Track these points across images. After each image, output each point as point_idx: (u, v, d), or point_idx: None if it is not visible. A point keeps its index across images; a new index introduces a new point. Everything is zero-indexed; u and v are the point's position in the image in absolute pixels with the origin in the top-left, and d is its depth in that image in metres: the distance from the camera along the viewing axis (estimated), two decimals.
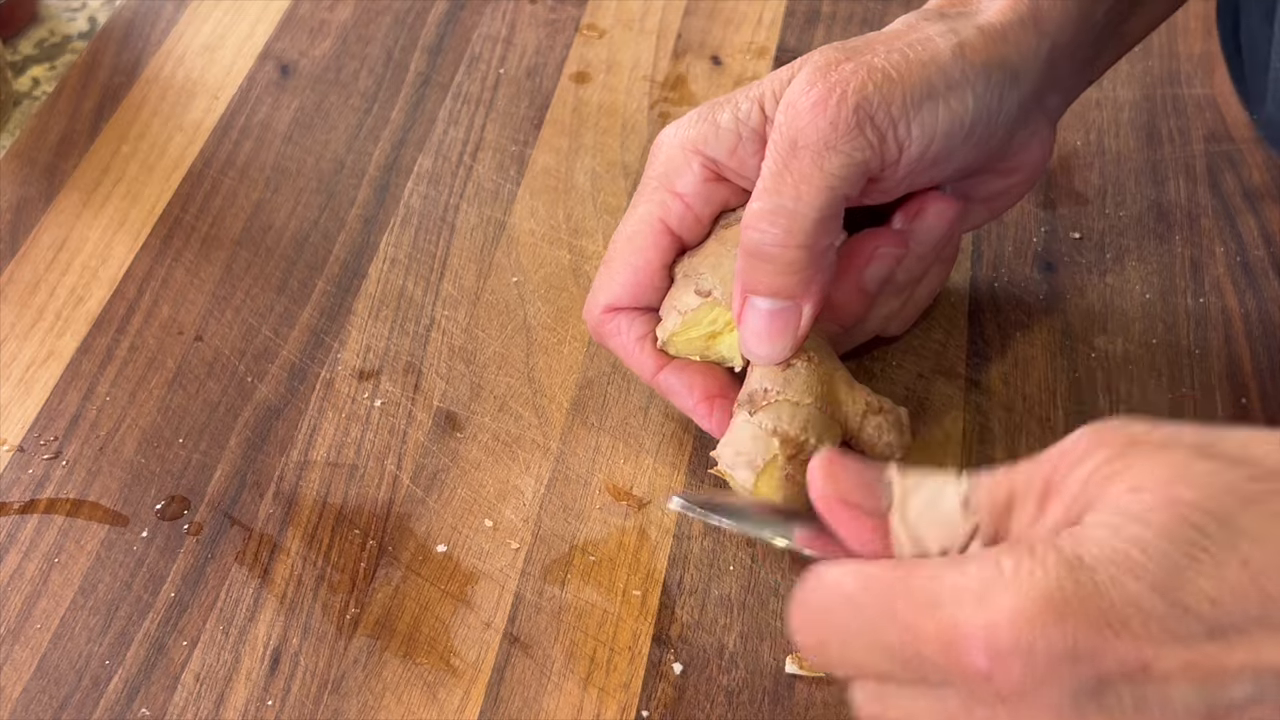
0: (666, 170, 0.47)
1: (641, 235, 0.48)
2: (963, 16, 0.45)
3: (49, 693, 0.44)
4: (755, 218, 0.43)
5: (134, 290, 0.56)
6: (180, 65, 0.66)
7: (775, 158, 0.43)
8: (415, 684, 0.44)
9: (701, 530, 0.47)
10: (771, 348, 0.45)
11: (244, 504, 0.49)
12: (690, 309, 0.46)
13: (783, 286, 0.44)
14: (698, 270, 0.47)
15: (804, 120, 0.43)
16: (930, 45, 0.44)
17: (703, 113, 0.47)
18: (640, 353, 0.48)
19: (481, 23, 0.68)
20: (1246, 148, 0.60)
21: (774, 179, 0.43)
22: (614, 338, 0.49)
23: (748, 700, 0.43)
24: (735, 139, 0.46)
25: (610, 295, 0.48)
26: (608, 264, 0.48)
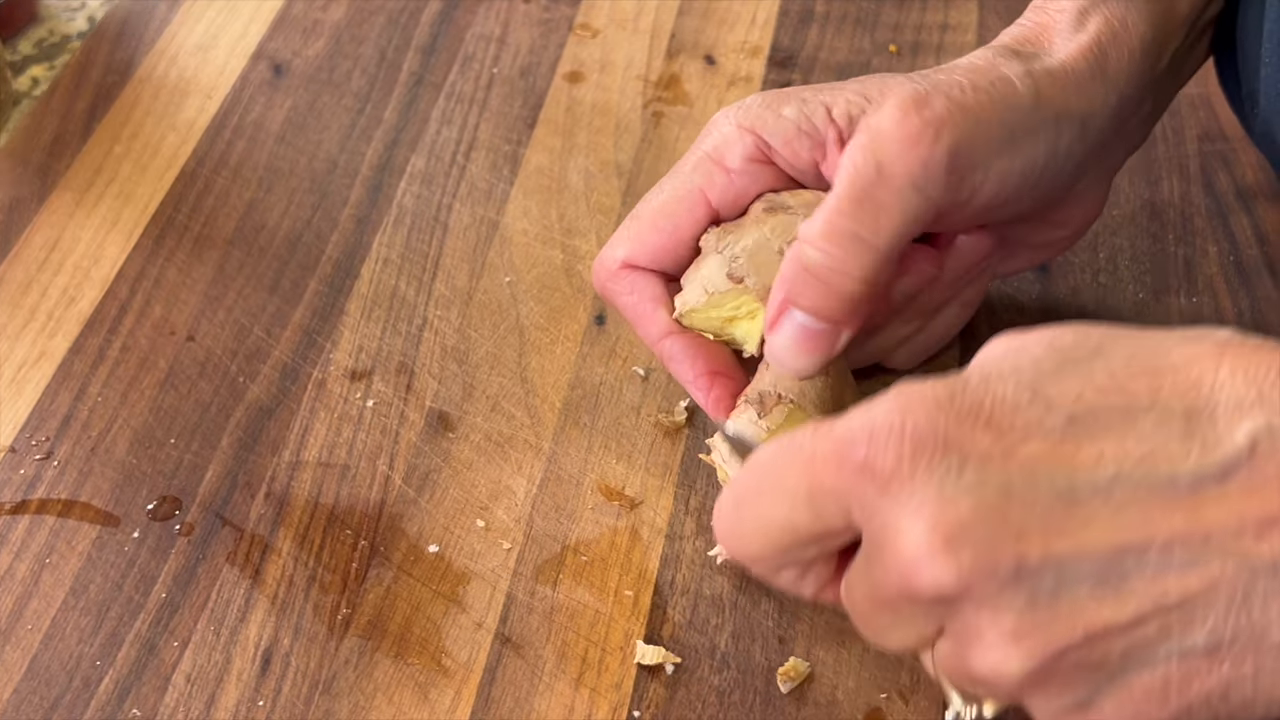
0: (718, 145, 0.46)
1: (680, 201, 0.46)
2: (1036, 58, 0.45)
3: (40, 694, 0.44)
4: (822, 238, 0.42)
5: (126, 290, 0.56)
6: (173, 65, 0.66)
7: (855, 183, 0.42)
8: (407, 684, 0.44)
9: (694, 530, 0.47)
10: (801, 362, 0.44)
11: (235, 504, 0.48)
12: (719, 290, 0.45)
13: (830, 310, 0.43)
14: (733, 252, 0.45)
15: (894, 153, 0.42)
16: (1010, 89, 0.43)
17: (765, 99, 0.46)
18: (649, 315, 0.47)
19: (475, 22, 0.68)
20: (1240, 147, 0.60)
21: (851, 204, 0.42)
22: (624, 295, 0.47)
23: (739, 701, 0.43)
24: (795, 130, 0.45)
25: (631, 252, 0.47)
26: (635, 220, 0.47)
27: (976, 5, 0.68)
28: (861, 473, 0.33)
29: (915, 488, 0.32)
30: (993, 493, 0.31)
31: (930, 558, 0.31)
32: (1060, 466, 0.32)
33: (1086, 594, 0.31)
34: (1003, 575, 0.31)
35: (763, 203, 0.46)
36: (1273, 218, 0.57)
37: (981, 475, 0.32)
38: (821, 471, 0.33)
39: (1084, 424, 0.32)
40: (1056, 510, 0.31)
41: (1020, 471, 0.32)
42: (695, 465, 0.49)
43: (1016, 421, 0.32)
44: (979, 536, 0.31)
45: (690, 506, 0.48)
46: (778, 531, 0.35)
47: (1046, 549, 0.31)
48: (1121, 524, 0.31)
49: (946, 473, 0.32)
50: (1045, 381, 0.33)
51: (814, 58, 0.65)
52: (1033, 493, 0.31)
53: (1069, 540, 0.31)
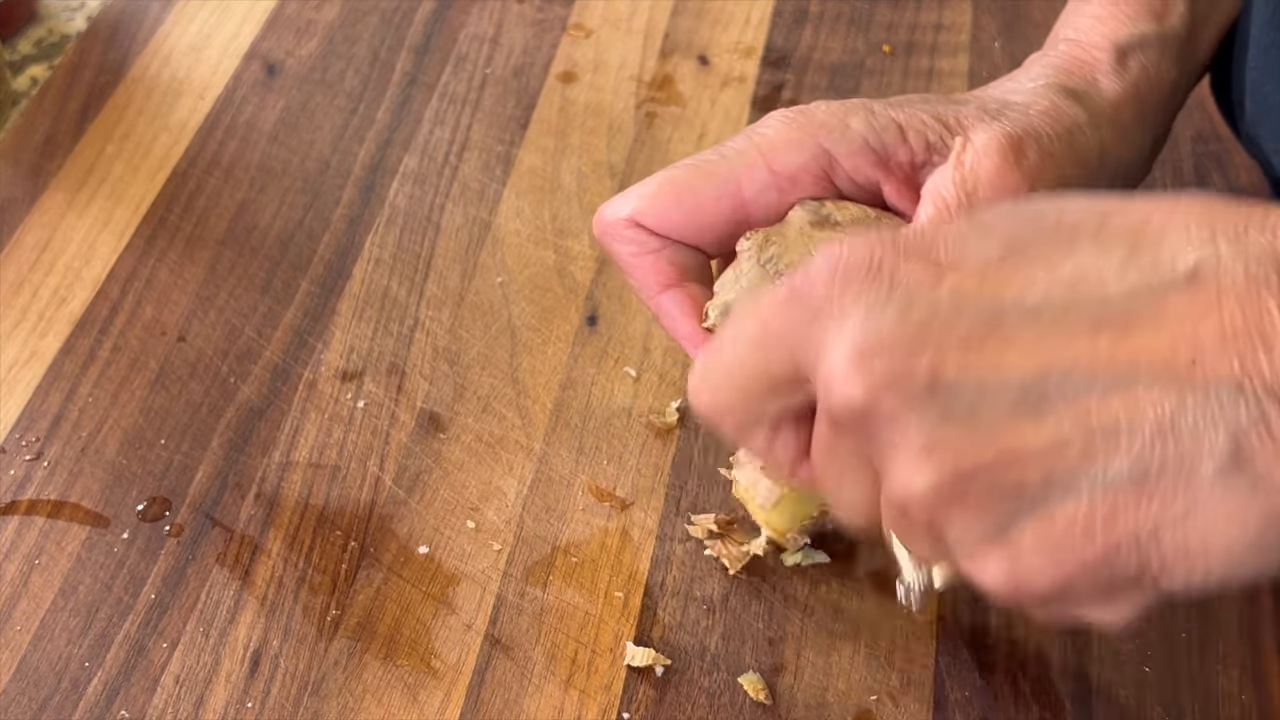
0: (773, 142, 0.44)
1: (711, 184, 0.45)
2: (1088, 99, 0.45)
3: (28, 694, 0.44)
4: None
5: (117, 291, 0.56)
6: (166, 65, 0.66)
7: (946, 221, 0.42)
8: (396, 686, 0.44)
9: (684, 532, 0.47)
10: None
11: (225, 505, 0.48)
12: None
13: None
14: (778, 268, 0.44)
15: (991, 199, 0.42)
16: (1083, 141, 0.44)
17: (829, 107, 0.45)
18: (648, 267, 0.46)
19: (468, 22, 0.68)
20: (1234, 148, 0.60)
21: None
22: (626, 245, 0.46)
23: (729, 702, 0.43)
24: (861, 144, 0.44)
25: (641, 214, 0.45)
26: (659, 185, 0.45)
27: (970, 5, 0.68)
28: (797, 305, 0.33)
29: (842, 310, 0.32)
30: (917, 313, 0.31)
31: (843, 372, 0.31)
32: (990, 291, 0.31)
33: (1004, 413, 0.30)
34: (915, 387, 0.30)
35: (806, 212, 0.44)
36: None
37: (908, 298, 0.31)
38: (768, 312, 0.34)
39: (1022, 251, 0.31)
40: (979, 330, 0.30)
41: (949, 295, 0.31)
42: (686, 466, 0.49)
43: (954, 252, 0.32)
44: (894, 351, 0.31)
45: (681, 508, 0.48)
46: (735, 378, 0.35)
47: (964, 365, 0.30)
48: (1046, 345, 0.30)
49: (874, 298, 0.31)
50: (992, 219, 0.33)
51: (808, 58, 0.65)
52: (957, 314, 0.31)
53: (989, 358, 0.30)
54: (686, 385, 0.38)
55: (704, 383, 0.36)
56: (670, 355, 0.53)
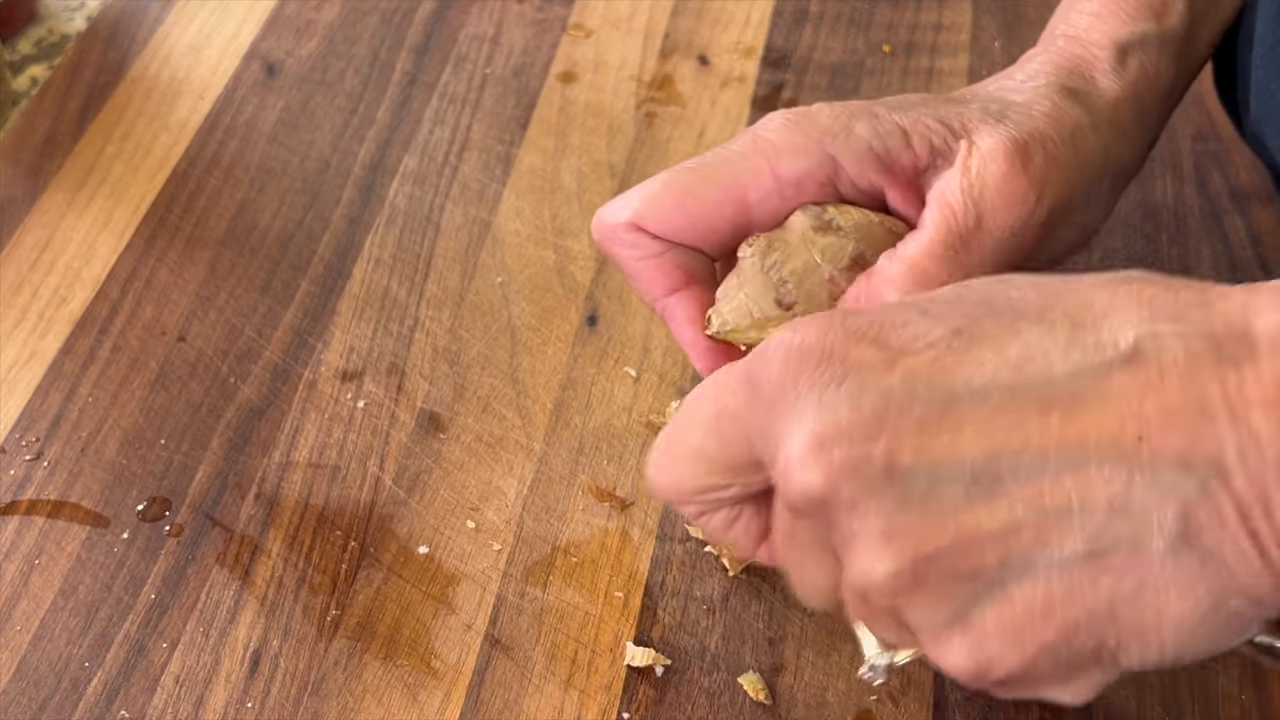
0: (776, 146, 0.44)
1: (715, 190, 0.44)
2: (1089, 99, 0.45)
3: (28, 694, 0.44)
4: (911, 282, 0.42)
5: (117, 291, 0.56)
6: (166, 65, 0.66)
7: (952, 230, 0.42)
8: (396, 686, 0.44)
9: (684, 533, 0.47)
10: None
11: (225, 505, 0.48)
12: (766, 315, 0.43)
13: None
14: (781, 274, 0.43)
15: (997, 206, 0.42)
16: (1087, 145, 0.44)
17: (833, 111, 0.44)
18: (650, 272, 0.45)
19: (468, 22, 0.68)
20: (1234, 147, 0.60)
21: (945, 249, 0.42)
22: (627, 249, 0.45)
23: (729, 702, 0.43)
24: (865, 150, 0.44)
25: (643, 218, 0.44)
26: (661, 187, 0.44)
27: (970, 5, 0.68)
28: (753, 391, 0.33)
29: (797, 398, 0.32)
30: (870, 399, 0.31)
31: (801, 461, 0.31)
32: (940, 374, 0.31)
33: (959, 496, 0.31)
34: (872, 474, 0.31)
35: (808, 217, 0.44)
36: (1266, 218, 0.57)
37: (861, 384, 0.32)
38: (723, 395, 0.34)
39: (968, 334, 0.32)
40: (932, 414, 0.31)
41: (901, 380, 0.31)
42: None
43: (903, 335, 0.32)
44: (851, 438, 0.31)
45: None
46: (692, 461, 0.35)
47: (919, 450, 0.31)
48: (997, 427, 0.30)
49: (828, 384, 0.32)
50: (938, 302, 0.33)
51: (808, 58, 0.65)
52: (910, 399, 0.31)
53: (942, 442, 0.31)
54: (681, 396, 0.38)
55: (662, 466, 0.37)
56: (670, 355, 0.53)
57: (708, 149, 0.60)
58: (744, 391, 0.34)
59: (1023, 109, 0.44)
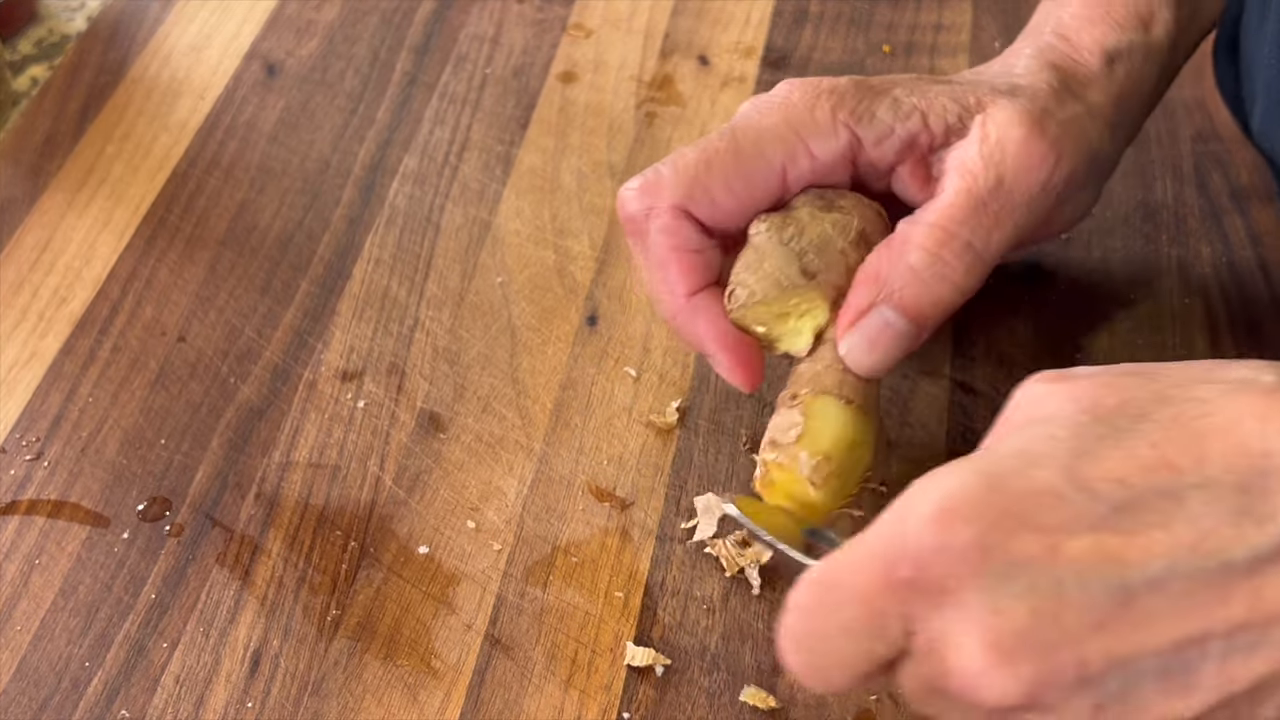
0: (806, 126, 0.44)
1: (760, 170, 0.43)
2: (1083, 96, 0.46)
3: (28, 694, 0.44)
4: (935, 242, 0.42)
5: (117, 291, 0.56)
6: (166, 65, 0.66)
7: (974, 192, 0.42)
8: (396, 686, 0.44)
9: (684, 533, 0.47)
10: (875, 359, 0.43)
11: (225, 505, 0.48)
12: (794, 285, 0.43)
13: (923, 312, 0.42)
14: (801, 245, 0.43)
15: (1017, 169, 0.42)
16: (1085, 130, 0.45)
17: (856, 91, 0.44)
18: (687, 265, 0.44)
19: (469, 22, 0.68)
20: (1234, 148, 0.60)
21: (968, 212, 0.42)
22: (657, 236, 0.44)
23: (729, 702, 0.43)
24: (887, 133, 0.44)
25: (690, 201, 0.43)
26: (702, 168, 0.44)
27: (970, 5, 0.68)
28: (911, 590, 0.32)
29: (965, 601, 0.31)
30: (1044, 598, 0.30)
31: (990, 673, 0.31)
32: (1110, 563, 0.30)
33: (1153, 691, 0.30)
34: (1066, 684, 0.30)
35: (813, 197, 0.45)
36: (1266, 219, 0.57)
37: (1030, 580, 0.30)
38: (875, 597, 0.32)
39: (1130, 512, 0.30)
40: (1112, 610, 0.30)
41: (1070, 571, 0.30)
42: (686, 466, 0.49)
43: (1061, 516, 0.31)
44: (1036, 646, 0.30)
45: (681, 508, 0.48)
46: (858, 664, 0.34)
47: (1107, 652, 0.30)
48: (1181, 617, 0.30)
49: (995, 582, 0.30)
50: (1085, 464, 0.31)
51: (808, 58, 0.65)
52: (1085, 594, 0.30)
53: (1129, 640, 0.30)
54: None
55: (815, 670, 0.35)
56: (670, 355, 0.53)
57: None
58: (897, 590, 0.32)
59: (1030, 89, 0.45)
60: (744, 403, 0.51)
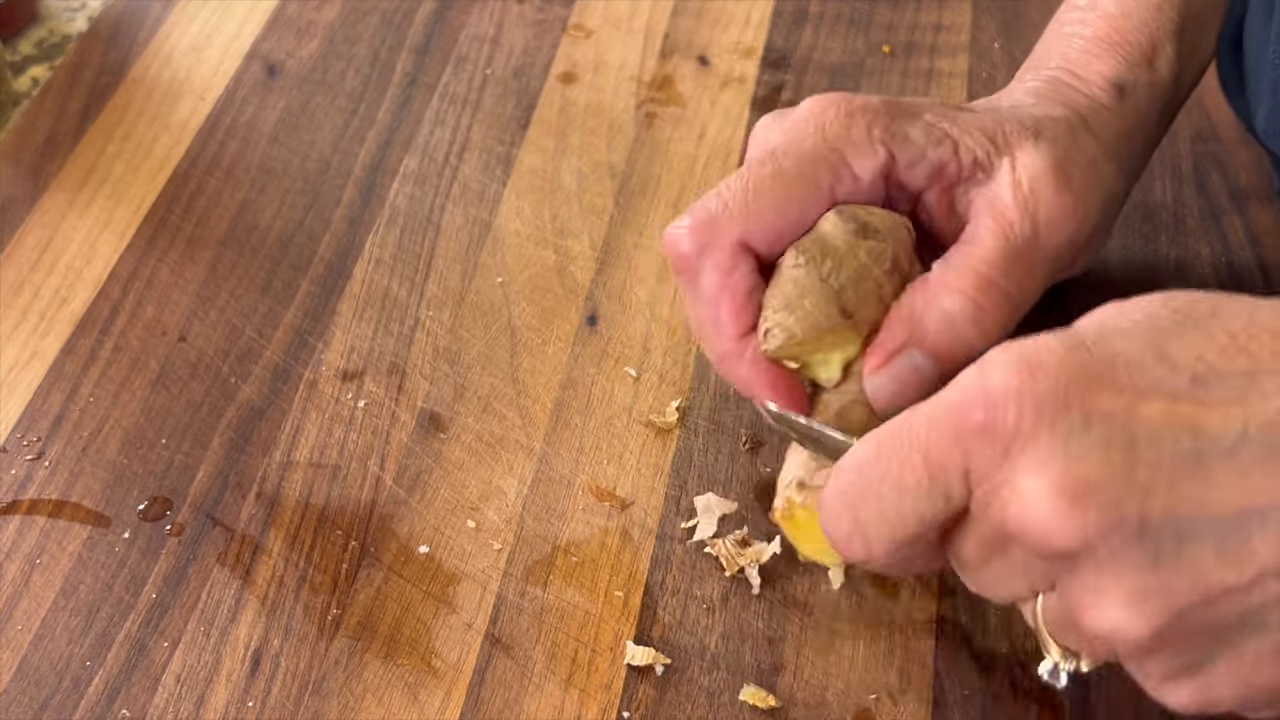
0: (845, 146, 0.43)
1: (808, 192, 0.43)
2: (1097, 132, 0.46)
3: (29, 694, 0.44)
4: (973, 288, 0.42)
5: (118, 291, 0.56)
6: (167, 65, 0.66)
7: (1012, 240, 0.42)
8: (396, 685, 0.44)
9: (683, 532, 0.47)
10: (901, 401, 0.42)
11: (226, 505, 0.48)
12: (832, 324, 0.42)
13: (953, 357, 0.42)
14: (840, 281, 0.42)
15: (1052, 220, 0.43)
16: (1100, 172, 0.45)
17: (889, 111, 0.44)
18: (741, 307, 0.43)
19: (469, 23, 0.68)
20: (1233, 148, 0.60)
21: (1006, 261, 0.42)
22: (710, 275, 0.43)
23: (729, 702, 0.43)
24: (919, 156, 0.44)
25: (751, 232, 0.42)
26: (750, 194, 0.43)
27: (970, 5, 0.68)
28: (981, 435, 0.32)
29: (1038, 446, 0.31)
30: (1118, 450, 0.31)
31: (1056, 515, 0.31)
32: (1185, 427, 0.31)
33: (1209, 554, 0.31)
34: (1126, 533, 0.31)
35: (844, 221, 0.43)
36: (1265, 219, 0.57)
37: (1106, 432, 0.31)
38: (938, 449, 0.33)
39: (1208, 385, 0.32)
40: (1182, 470, 0.31)
41: (1145, 430, 0.31)
42: (686, 466, 0.49)
43: (1139, 380, 0.32)
44: (1104, 493, 0.31)
45: (681, 508, 0.48)
46: (905, 525, 0.34)
47: (1171, 508, 0.31)
48: (1246, 487, 0.31)
49: (1070, 431, 0.31)
50: (1165, 339, 0.32)
51: (808, 58, 0.65)
52: (1158, 452, 0.31)
53: (1193, 501, 0.31)
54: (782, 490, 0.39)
55: (859, 536, 0.35)
56: (670, 355, 0.53)
57: (708, 149, 0.61)
58: (964, 436, 0.33)
59: (1052, 131, 0.45)
60: (744, 403, 0.51)
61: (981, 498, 0.33)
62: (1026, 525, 0.32)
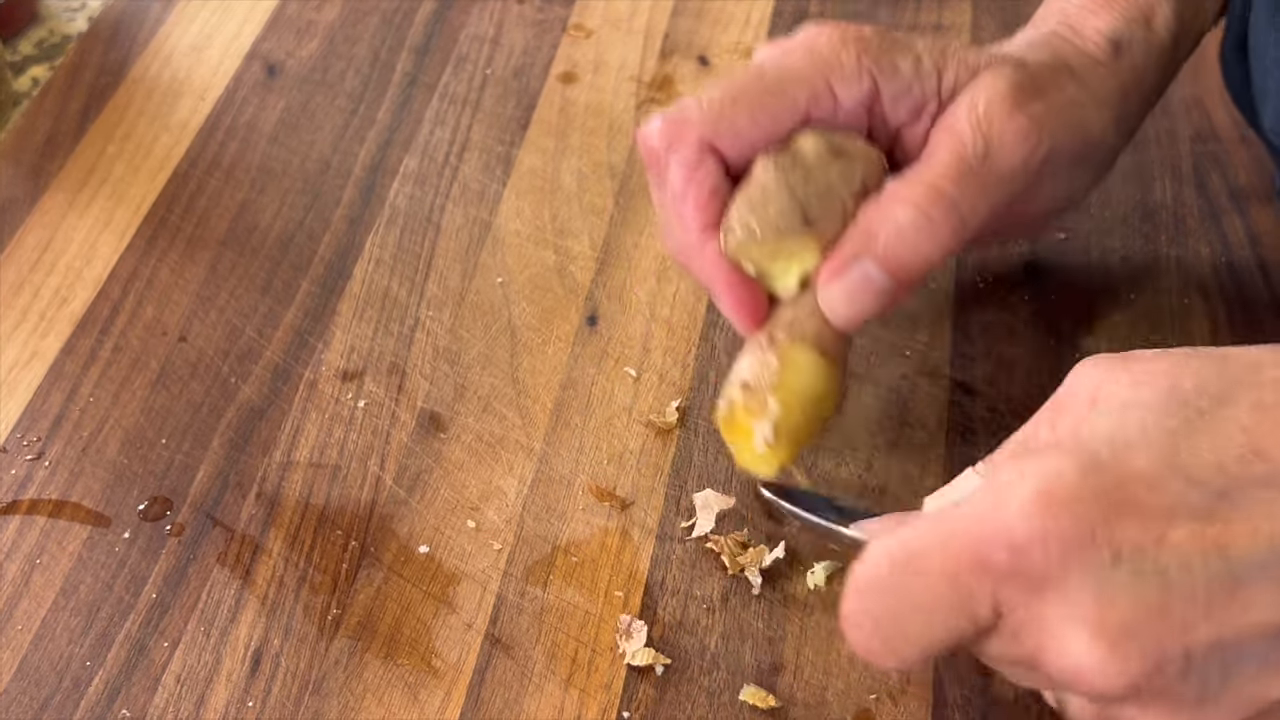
0: (832, 67, 0.44)
1: (782, 104, 0.43)
2: (1087, 83, 0.46)
3: (29, 694, 0.44)
4: (924, 199, 0.42)
5: (118, 291, 0.56)
6: (167, 65, 0.66)
7: (963, 157, 0.43)
8: (396, 685, 0.44)
9: (683, 531, 0.47)
10: (853, 310, 0.43)
11: (226, 505, 0.48)
12: (793, 232, 0.43)
13: (904, 269, 0.42)
14: (806, 192, 0.43)
15: (1004, 141, 0.43)
16: (1082, 113, 0.45)
17: (882, 40, 0.44)
18: (704, 205, 0.44)
19: (469, 23, 0.68)
20: (1233, 148, 0.60)
21: (958, 176, 0.43)
22: (677, 170, 0.44)
23: (729, 701, 0.43)
24: (905, 90, 0.44)
25: (718, 133, 0.43)
26: (729, 99, 0.44)
27: (970, 5, 0.68)
28: (1011, 577, 0.32)
29: (1070, 587, 0.31)
30: (1151, 587, 0.30)
31: (1098, 661, 0.31)
32: (1214, 549, 0.30)
33: (1253, 673, 0.31)
34: (1172, 672, 0.31)
35: (820, 140, 0.44)
36: (1265, 218, 0.57)
37: (1136, 568, 0.31)
38: (963, 577, 0.32)
39: (1231, 500, 0.31)
40: (1218, 596, 0.30)
41: (1175, 559, 0.31)
42: (686, 466, 0.49)
43: (1161, 503, 0.31)
44: (1145, 635, 0.30)
45: (681, 508, 0.48)
46: (932, 643, 0.34)
47: (1213, 639, 0.30)
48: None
49: (1101, 569, 0.31)
50: (1180, 449, 0.32)
51: None
52: (1190, 581, 0.30)
53: (1234, 626, 0.30)
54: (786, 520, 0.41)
55: (873, 632, 0.35)
56: (670, 355, 0.53)
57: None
58: (992, 573, 0.32)
59: (1031, 65, 0.45)
60: None
61: (1013, 625, 0.33)
62: (1066, 670, 0.32)
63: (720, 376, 0.52)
